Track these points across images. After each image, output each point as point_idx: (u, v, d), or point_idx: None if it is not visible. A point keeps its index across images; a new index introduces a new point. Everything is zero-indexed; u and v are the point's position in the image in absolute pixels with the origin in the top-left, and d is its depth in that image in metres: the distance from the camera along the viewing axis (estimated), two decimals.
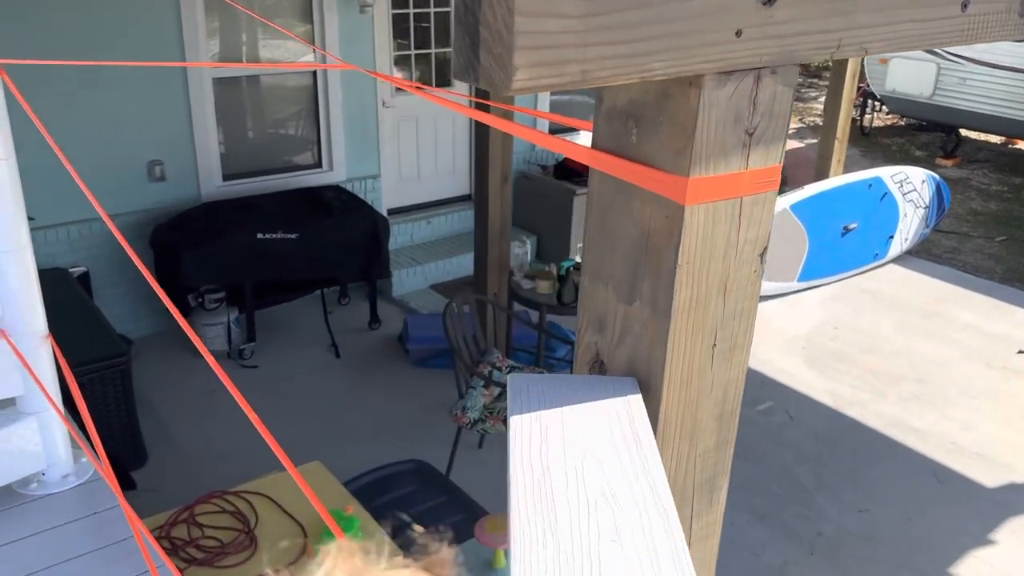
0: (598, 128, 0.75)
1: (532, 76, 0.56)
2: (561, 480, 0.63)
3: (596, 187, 0.77)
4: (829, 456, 4.24)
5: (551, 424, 0.69)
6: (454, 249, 6.34)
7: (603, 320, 0.79)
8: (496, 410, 3.60)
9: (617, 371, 0.79)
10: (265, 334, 5.29)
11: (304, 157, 5.80)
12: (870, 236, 6.36)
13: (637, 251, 0.74)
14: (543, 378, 0.77)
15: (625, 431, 0.69)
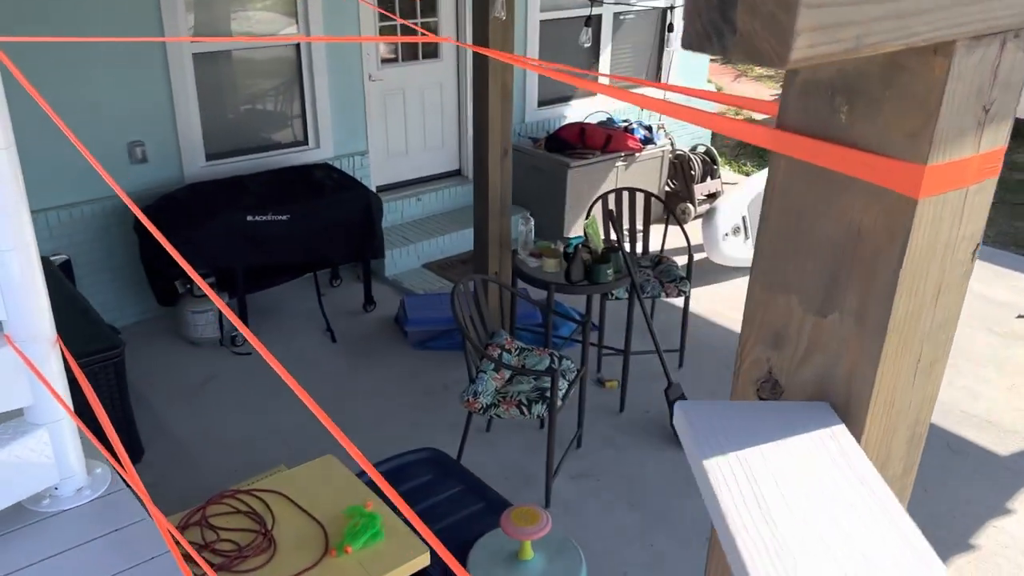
0: (788, 105, 0.63)
1: (811, 43, 0.44)
2: (794, 538, 0.52)
3: (780, 178, 0.65)
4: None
5: (756, 466, 0.57)
6: (446, 226, 6.19)
7: (781, 334, 0.67)
8: (508, 394, 3.49)
9: (797, 393, 0.67)
10: (257, 319, 5.13)
11: (290, 134, 5.60)
12: None
13: (839, 255, 0.62)
14: (720, 407, 0.65)
15: (845, 471, 0.58)
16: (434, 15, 6.10)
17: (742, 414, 0.64)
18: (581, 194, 6.25)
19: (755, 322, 0.70)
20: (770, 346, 0.69)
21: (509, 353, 3.76)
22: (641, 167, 6.53)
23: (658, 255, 4.78)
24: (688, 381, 4.55)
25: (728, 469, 0.57)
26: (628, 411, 4.29)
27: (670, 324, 5.11)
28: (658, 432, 4.12)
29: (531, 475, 3.81)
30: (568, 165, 6.09)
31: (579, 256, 3.84)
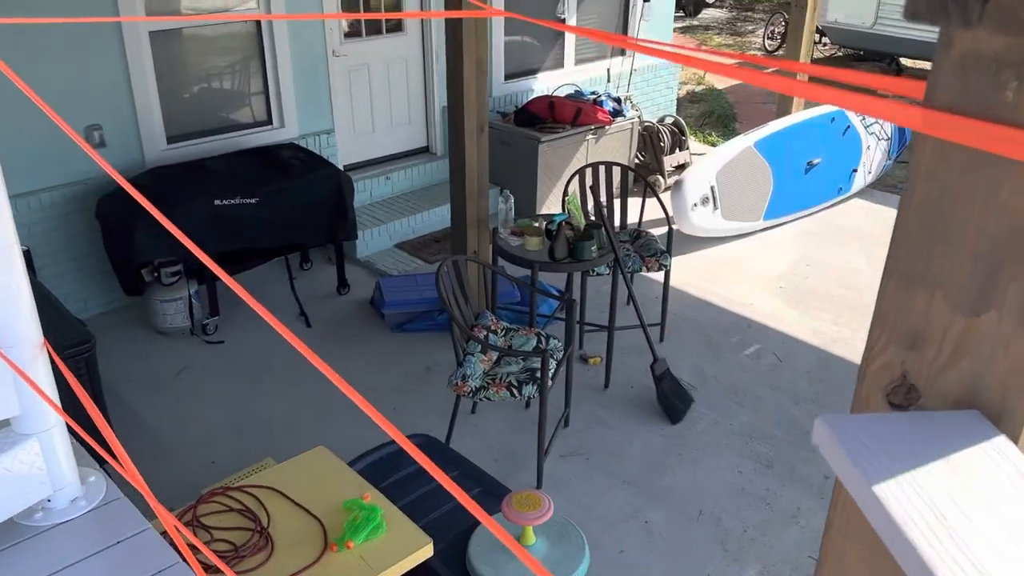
0: (939, 80, 0.56)
1: None
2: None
3: (925, 161, 0.59)
4: (824, 395, 4.22)
5: (933, 491, 0.52)
6: (417, 205, 6.07)
7: (920, 335, 0.62)
8: (497, 376, 3.43)
9: (937, 400, 0.62)
10: (229, 306, 4.98)
11: (253, 114, 5.42)
12: (834, 170, 6.34)
13: (998, 247, 0.56)
14: (865, 420, 0.60)
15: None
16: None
17: (892, 428, 0.59)
18: (552, 169, 6.18)
19: (888, 321, 0.64)
20: (906, 347, 0.63)
21: (495, 334, 3.69)
22: (611, 140, 6.47)
23: (636, 229, 4.74)
24: (671, 355, 4.54)
25: (904, 496, 0.52)
26: (613, 387, 4.26)
27: (648, 298, 5.09)
28: (644, 407, 4.10)
29: (520, 456, 3.77)
30: (539, 140, 6.00)
31: (563, 234, 3.78)
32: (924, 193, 0.59)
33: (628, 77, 7.43)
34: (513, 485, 3.55)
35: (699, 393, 4.20)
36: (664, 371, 4.05)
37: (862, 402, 0.67)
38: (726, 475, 3.66)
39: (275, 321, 1.13)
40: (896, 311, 0.63)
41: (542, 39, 6.89)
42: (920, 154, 0.59)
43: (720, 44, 13.03)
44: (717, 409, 4.10)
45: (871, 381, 0.66)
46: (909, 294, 0.62)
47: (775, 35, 12.34)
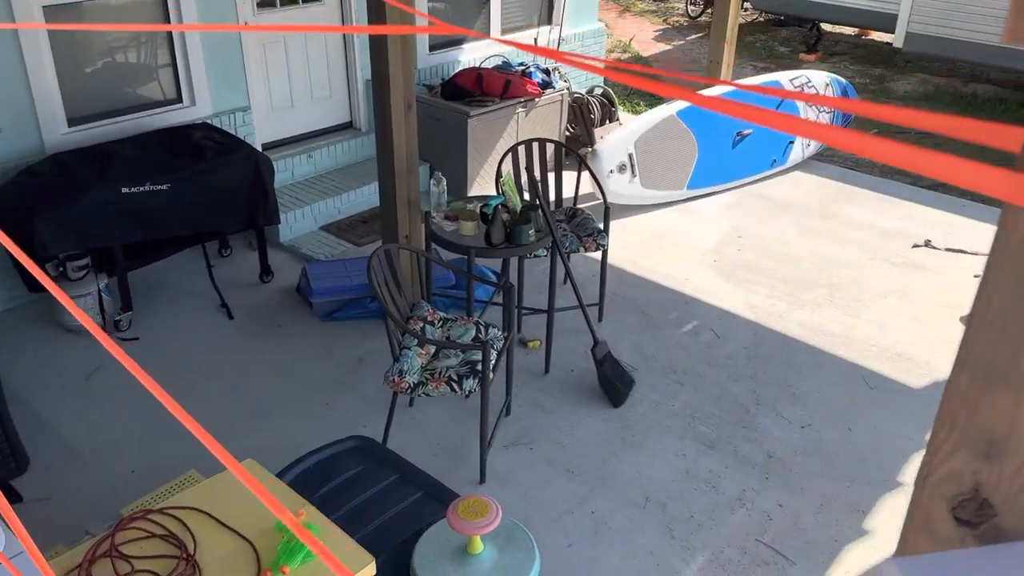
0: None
1: None
2: None
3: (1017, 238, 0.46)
4: (762, 372, 4.21)
5: None
6: (341, 184, 5.82)
7: (1000, 442, 0.50)
8: (436, 370, 3.28)
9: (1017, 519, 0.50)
10: (142, 299, 4.69)
11: (161, 92, 5.07)
12: (768, 142, 6.33)
13: None
14: (943, 561, 0.48)
15: None
16: None
17: (977, 570, 0.47)
18: (483, 144, 6.00)
19: (958, 421, 0.52)
20: (980, 456, 0.51)
21: (432, 325, 3.54)
22: (541, 113, 6.32)
23: (572, 208, 4.62)
24: (610, 334, 4.46)
25: None
26: (554, 371, 4.17)
27: (586, 276, 5.00)
28: (585, 391, 4.02)
29: (461, 449, 3.64)
30: (468, 114, 5.81)
31: (499, 218, 3.63)
32: (1013, 273, 0.47)
33: (556, 47, 7.27)
34: (455, 481, 3.43)
35: (640, 374, 4.14)
36: (605, 354, 3.97)
37: (921, 513, 0.55)
38: (670, 458, 3.62)
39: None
40: (969, 411, 0.51)
41: (467, 7, 6.65)
42: (1010, 226, 0.47)
43: (644, 10, 12.95)
44: (658, 390, 4.05)
45: (934, 490, 0.54)
46: (987, 393, 0.50)
47: (698, 1, 12.31)
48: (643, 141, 5.83)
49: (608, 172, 5.64)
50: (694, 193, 6.14)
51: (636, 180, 5.83)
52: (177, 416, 0.88)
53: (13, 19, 4.19)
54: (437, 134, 5.99)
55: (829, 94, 6.49)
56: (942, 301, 4.87)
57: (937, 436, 0.54)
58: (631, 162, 5.76)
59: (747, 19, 11.98)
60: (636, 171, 5.80)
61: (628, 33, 11.48)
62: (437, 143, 6.02)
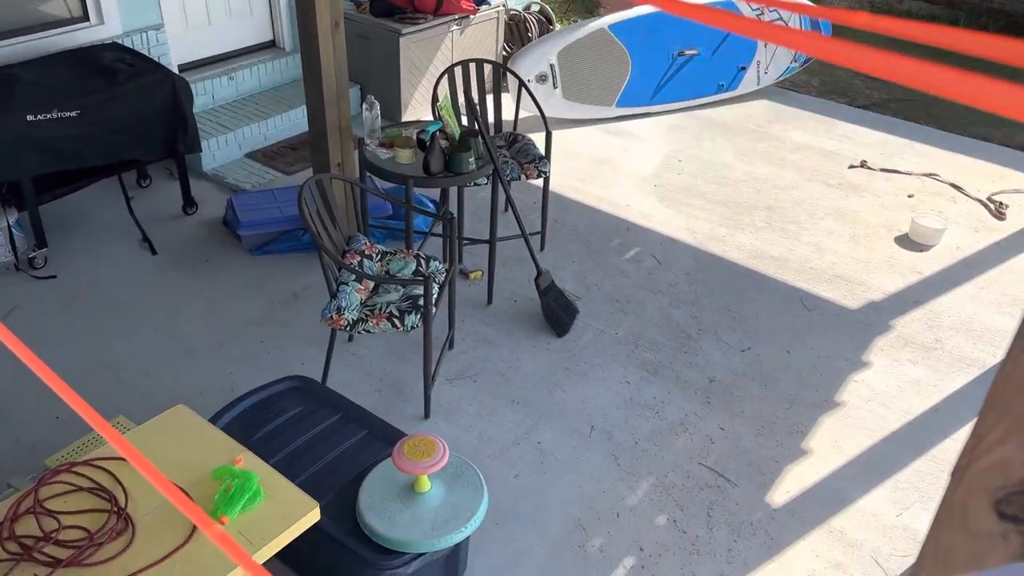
0: None
1: None
2: None
3: None
4: (703, 296, 4.22)
5: None
6: (267, 108, 5.53)
7: None
8: (376, 306, 3.16)
9: None
10: (58, 235, 4.41)
11: (65, 9, 4.66)
12: (715, 65, 6.20)
13: None
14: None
15: None
16: None
17: None
18: (416, 64, 5.75)
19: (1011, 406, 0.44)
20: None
21: (370, 259, 3.40)
22: (476, 31, 6.07)
23: (512, 133, 4.47)
24: (553, 263, 4.40)
25: None
26: (497, 302, 4.09)
27: (527, 203, 4.89)
28: (529, 322, 3.96)
29: (404, 384, 3.56)
30: (399, 32, 5.53)
31: (436, 145, 3.47)
32: None
33: None
34: (399, 417, 3.37)
35: (583, 303, 4.10)
36: (548, 284, 3.90)
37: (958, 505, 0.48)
38: (614, 386, 3.61)
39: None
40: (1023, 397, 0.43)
41: None
42: None
43: None
44: (601, 319, 4.02)
45: (975, 481, 0.47)
46: None
47: None
48: (568, 52, 5.69)
49: (527, 80, 5.52)
50: (625, 111, 6.04)
51: (558, 92, 5.72)
52: (46, 380, 0.78)
53: None
54: (368, 54, 5.71)
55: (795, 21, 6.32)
56: (878, 221, 4.93)
57: (984, 422, 0.46)
58: (552, 72, 5.64)
59: None
60: (557, 82, 5.68)
61: None
62: (368, 64, 5.74)
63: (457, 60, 4.91)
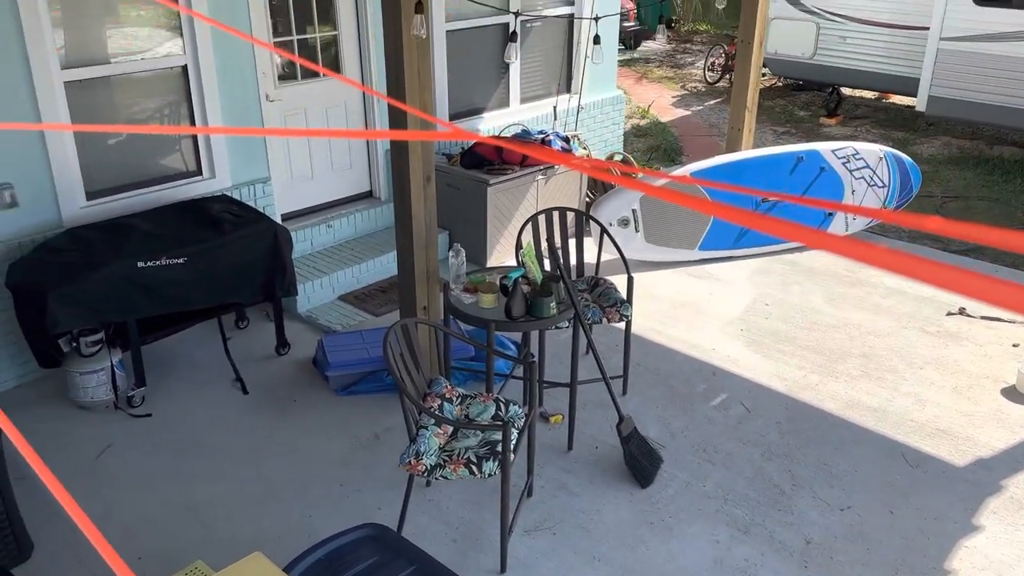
0: None
1: None
2: None
3: None
4: (797, 449, 4.02)
5: None
6: (361, 253, 5.77)
7: None
8: (455, 452, 3.14)
9: None
10: (156, 374, 4.60)
11: (181, 164, 5.07)
12: (801, 210, 6.20)
13: None
14: None
15: None
16: (333, 28, 5.67)
17: None
18: (503, 212, 5.95)
19: None
20: None
21: (450, 403, 3.41)
22: (561, 180, 6.28)
23: (594, 277, 4.52)
24: (636, 408, 4.30)
25: None
26: (577, 448, 4.00)
27: (608, 346, 4.86)
28: (611, 470, 3.85)
29: (481, 534, 3.47)
30: (487, 183, 5.77)
31: (519, 290, 3.52)
32: None
33: (575, 114, 7.28)
34: (475, 570, 3.26)
35: (668, 451, 3.97)
36: (631, 430, 3.80)
37: None
38: (702, 545, 3.42)
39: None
40: None
41: (487, 78, 6.69)
42: None
43: (661, 76, 13.06)
44: (688, 469, 3.86)
45: None
46: None
47: (715, 67, 12.41)
48: (650, 199, 5.79)
49: (608, 224, 5.63)
50: (708, 255, 6.04)
51: (639, 235, 5.80)
52: (78, 523, 0.81)
53: (34, 92, 4.21)
54: (456, 202, 5.96)
55: (883, 169, 6.31)
56: (981, 372, 4.67)
57: None
58: (634, 217, 5.74)
59: (766, 84, 12.02)
60: (639, 226, 5.77)
61: (647, 99, 11.55)
62: (456, 211, 5.97)
63: (541, 208, 5.06)
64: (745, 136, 6.53)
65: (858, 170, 6.25)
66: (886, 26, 9.52)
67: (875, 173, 6.31)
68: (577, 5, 7.08)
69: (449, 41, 6.25)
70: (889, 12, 9.46)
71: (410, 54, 3.63)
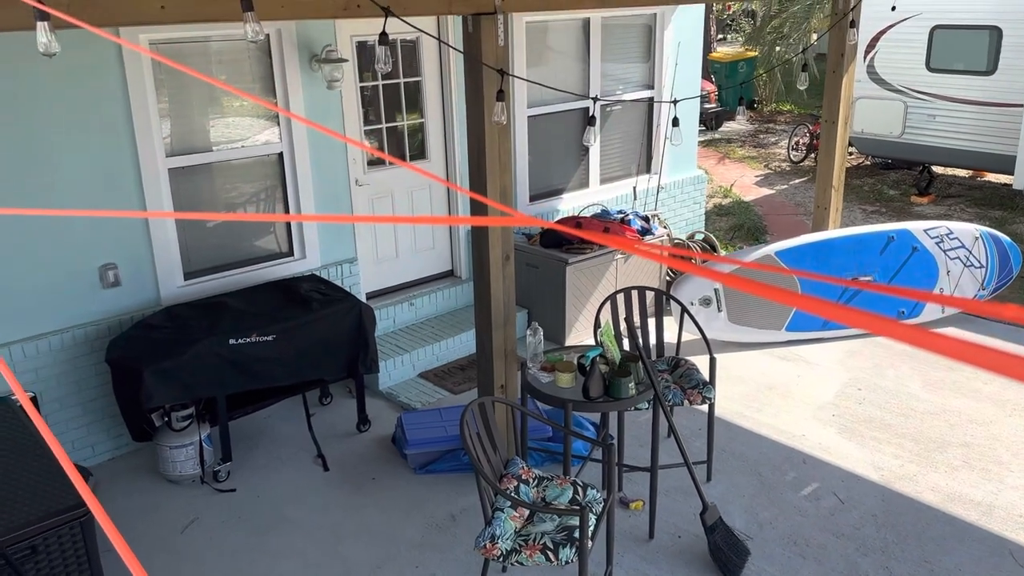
0: None
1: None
2: None
3: None
4: (894, 544, 3.78)
5: None
6: (441, 331, 5.84)
7: None
8: (531, 536, 3.07)
9: None
10: (242, 448, 4.71)
11: (274, 245, 5.29)
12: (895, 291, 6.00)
13: None
14: None
15: None
16: (420, 116, 5.90)
17: None
18: (581, 290, 5.95)
19: None
20: None
21: (527, 484, 3.35)
22: (640, 259, 6.26)
23: (675, 358, 4.44)
24: (720, 496, 4.15)
25: None
26: (659, 536, 3.86)
27: (691, 429, 4.73)
28: (694, 562, 3.69)
29: None
30: (566, 262, 5.80)
31: (597, 370, 3.49)
32: None
33: (655, 194, 7.30)
34: None
35: (755, 543, 3.79)
36: (716, 519, 3.66)
37: None
38: None
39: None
40: None
41: (567, 159, 6.81)
42: None
43: (744, 156, 13.02)
44: (776, 563, 3.67)
45: None
46: None
47: (800, 146, 12.31)
48: None
49: (689, 304, 5.56)
50: (795, 336, 5.86)
51: (722, 315, 5.68)
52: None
53: (140, 176, 4.50)
54: (535, 281, 6.00)
55: (979, 249, 6.09)
56: None
57: None
58: (716, 297, 5.64)
59: (853, 163, 11.83)
60: (722, 306, 5.66)
61: (729, 179, 11.51)
62: (535, 290, 6.01)
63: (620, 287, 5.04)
64: (832, 215, 6.40)
65: (953, 250, 6.02)
66: (977, 104, 9.30)
67: (971, 253, 6.07)
68: (656, 88, 7.19)
69: (530, 125, 6.41)
70: (979, 90, 9.25)
71: (491, 139, 3.74)
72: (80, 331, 4.40)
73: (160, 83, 4.56)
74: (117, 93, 4.33)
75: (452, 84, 5.88)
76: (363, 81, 5.53)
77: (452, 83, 5.88)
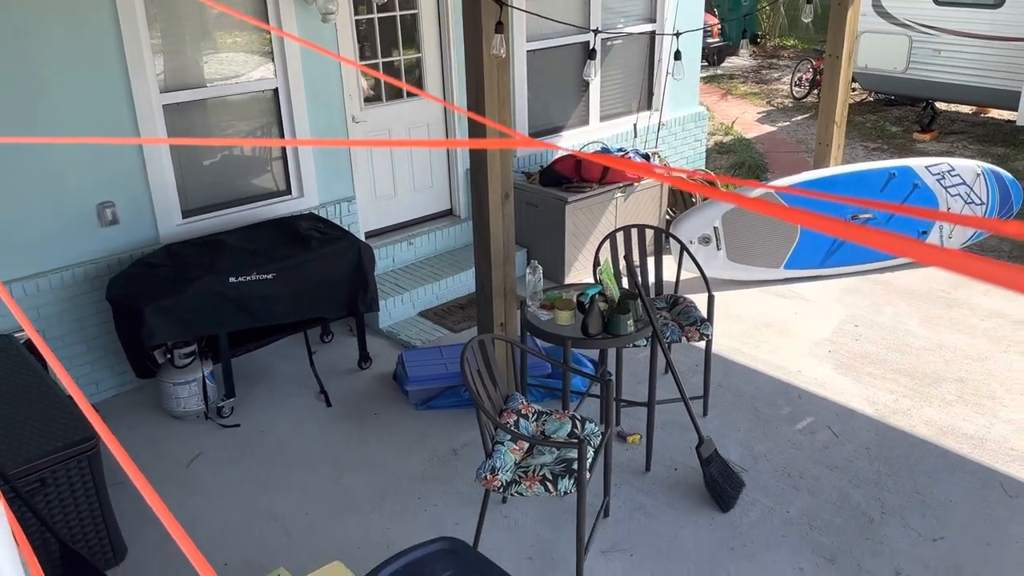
0: None
1: None
2: None
3: None
4: (887, 476, 3.86)
5: None
6: (440, 270, 5.85)
7: None
8: (530, 468, 3.13)
9: None
10: (245, 385, 4.76)
11: (272, 184, 5.26)
12: (893, 229, 6.00)
13: None
14: None
15: None
16: (417, 51, 5.80)
17: None
18: (581, 230, 5.94)
19: None
20: None
21: (526, 419, 3.41)
22: (640, 197, 6.24)
23: (673, 295, 4.46)
24: (716, 430, 4.21)
25: None
26: (655, 469, 3.94)
27: (688, 365, 4.78)
28: (690, 492, 3.77)
29: (556, 553, 3.44)
30: (566, 200, 5.78)
31: (596, 307, 3.50)
32: None
33: (656, 131, 7.23)
34: None
35: (750, 476, 3.86)
36: (711, 452, 3.72)
37: None
38: (785, 573, 3.31)
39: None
40: None
41: (566, 95, 6.72)
42: None
43: (746, 92, 12.85)
44: (771, 494, 3.75)
45: None
46: None
47: (803, 82, 12.14)
48: (732, 215, 5.69)
49: (688, 242, 5.55)
50: (793, 274, 5.88)
51: (721, 253, 5.69)
52: (178, 541, 0.83)
53: (135, 115, 4.45)
54: (534, 220, 5.98)
55: (981, 186, 6.05)
56: None
57: None
58: (716, 235, 5.64)
59: (856, 99, 11.68)
60: (721, 244, 5.65)
61: (730, 116, 11.38)
62: (534, 229, 6.00)
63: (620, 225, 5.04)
64: (834, 152, 6.35)
65: (954, 187, 5.99)
66: (983, 38, 9.14)
67: (972, 190, 6.04)
68: (658, 22, 7.05)
69: (529, 60, 6.31)
70: (986, 23, 9.08)
71: (490, 73, 3.68)
72: (80, 269, 4.41)
73: (152, 18, 4.47)
74: (109, 28, 4.25)
75: (450, 17, 5.77)
76: (358, 14, 5.42)
77: (450, 16, 5.77)
